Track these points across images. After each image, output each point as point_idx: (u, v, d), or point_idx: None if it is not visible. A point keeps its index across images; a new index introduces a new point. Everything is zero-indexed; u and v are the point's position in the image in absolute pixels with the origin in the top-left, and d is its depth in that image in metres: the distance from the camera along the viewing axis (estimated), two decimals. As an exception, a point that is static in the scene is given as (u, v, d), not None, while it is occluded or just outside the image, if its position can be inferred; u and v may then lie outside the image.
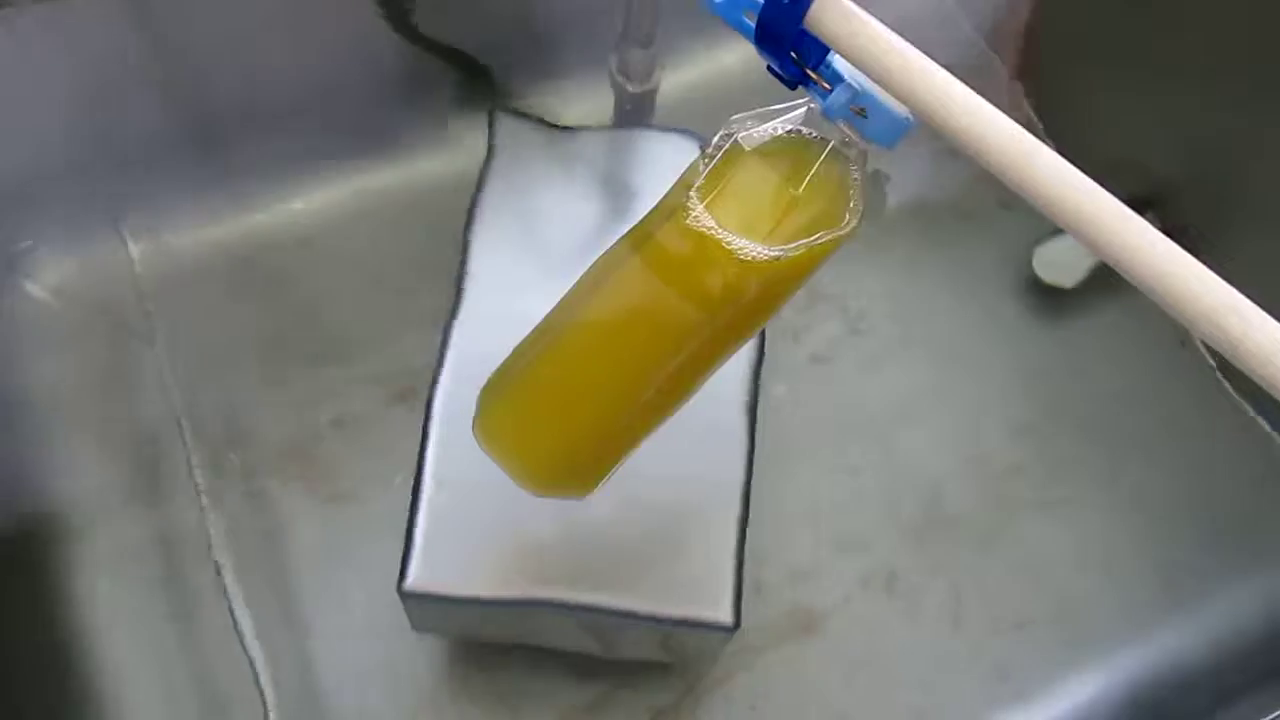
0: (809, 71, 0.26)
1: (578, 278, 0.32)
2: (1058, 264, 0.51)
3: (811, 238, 0.28)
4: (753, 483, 0.39)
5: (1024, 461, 0.49)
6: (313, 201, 0.51)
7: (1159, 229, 0.57)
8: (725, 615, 0.37)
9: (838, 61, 0.26)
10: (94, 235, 0.49)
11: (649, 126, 0.47)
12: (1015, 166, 0.22)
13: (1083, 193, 0.21)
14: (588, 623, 0.38)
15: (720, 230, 0.28)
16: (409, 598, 0.37)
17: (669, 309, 0.29)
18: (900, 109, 0.26)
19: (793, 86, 0.27)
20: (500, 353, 0.33)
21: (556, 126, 0.46)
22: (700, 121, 0.48)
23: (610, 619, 0.37)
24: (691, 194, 0.28)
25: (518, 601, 0.37)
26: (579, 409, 0.30)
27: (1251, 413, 0.51)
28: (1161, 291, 0.20)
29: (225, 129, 0.49)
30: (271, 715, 0.42)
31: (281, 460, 0.47)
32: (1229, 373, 0.51)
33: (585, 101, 0.53)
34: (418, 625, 0.41)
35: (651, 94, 0.45)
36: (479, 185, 0.44)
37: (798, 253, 0.28)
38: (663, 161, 0.45)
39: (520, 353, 0.32)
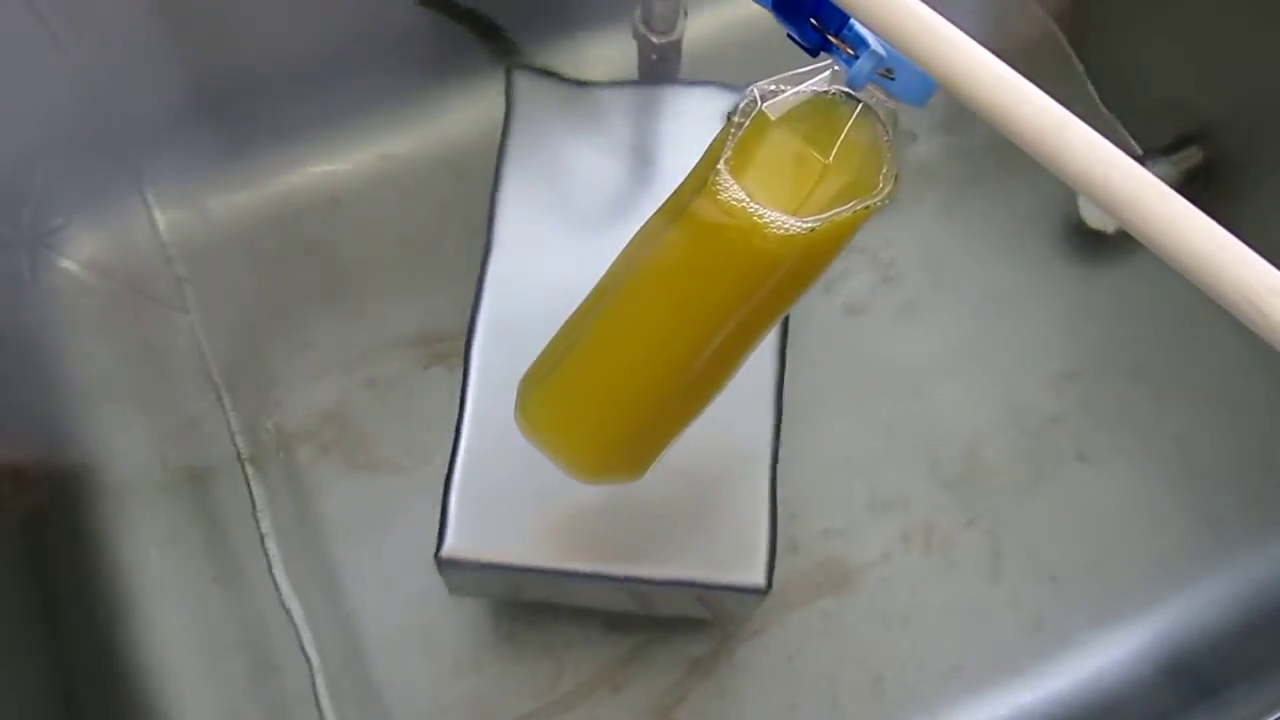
0: (831, 37, 0.25)
1: (606, 240, 0.31)
2: (1102, 208, 0.49)
3: (846, 205, 0.27)
4: (787, 437, 0.39)
5: (1064, 411, 0.48)
6: (339, 164, 0.51)
7: (1202, 161, 0.55)
8: (758, 578, 0.38)
9: (860, 24, 0.25)
10: (123, 208, 0.49)
11: (674, 80, 0.46)
12: (1045, 141, 0.21)
13: (1117, 169, 0.20)
14: (623, 588, 0.38)
15: (752, 204, 0.27)
16: (445, 564, 0.37)
17: (706, 287, 0.28)
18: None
19: (815, 54, 0.26)
20: (532, 314, 0.32)
21: (579, 82, 0.45)
22: (728, 70, 0.47)
23: (645, 586, 0.38)
24: (721, 167, 0.27)
25: (553, 571, 0.37)
26: (624, 395, 0.30)
27: (1302, 359, 0.49)
28: (1199, 271, 0.20)
29: (247, 95, 0.49)
30: (318, 677, 0.43)
31: (318, 425, 0.47)
32: None
33: (609, 55, 0.52)
34: (454, 589, 0.41)
35: (677, 44, 0.44)
36: (501, 145, 0.44)
37: (832, 222, 0.27)
38: (688, 115, 0.44)
39: (559, 339, 0.32)
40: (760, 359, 0.41)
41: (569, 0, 0.50)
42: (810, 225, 0.27)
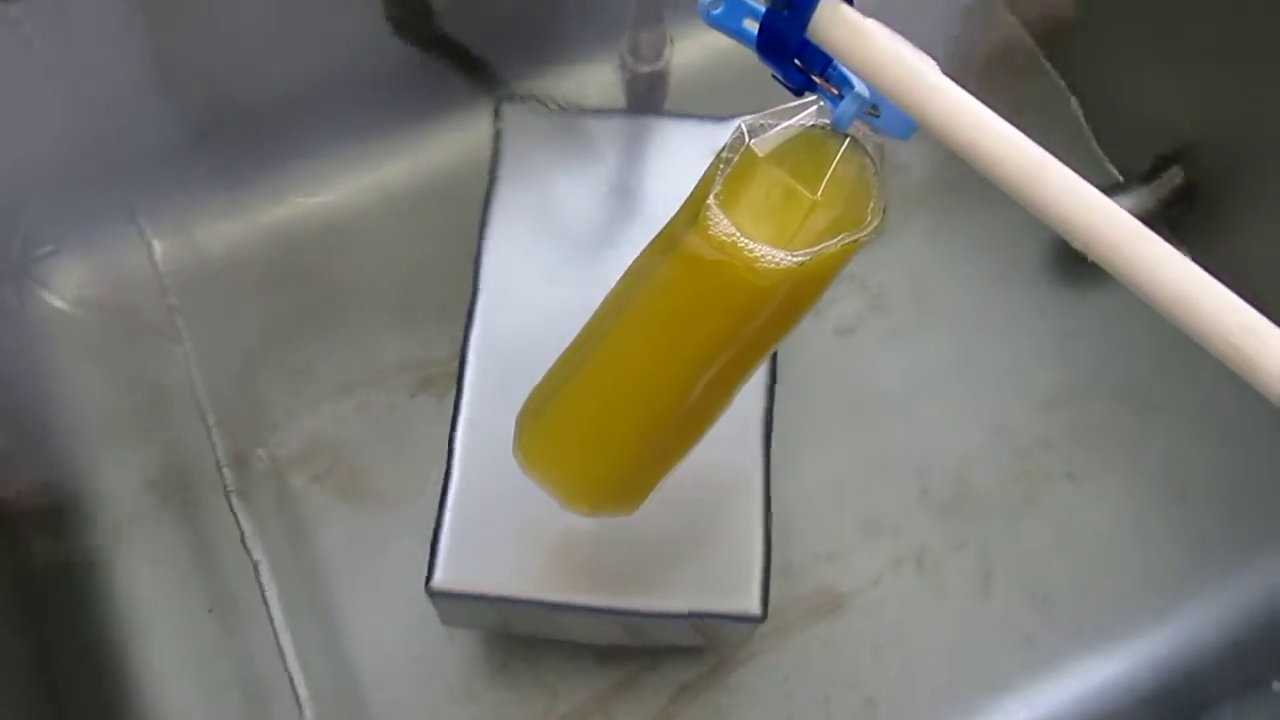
0: (815, 78, 0.25)
1: (595, 268, 0.32)
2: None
3: (835, 239, 0.27)
4: (778, 461, 0.39)
5: (1052, 433, 0.49)
6: (330, 194, 0.51)
7: (1184, 183, 0.56)
8: (753, 606, 0.38)
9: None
10: (115, 237, 0.50)
11: (661, 112, 0.46)
12: (1024, 182, 0.21)
13: (1096, 210, 0.21)
14: (617, 619, 0.39)
15: (742, 239, 0.27)
16: (436, 595, 0.37)
17: (699, 321, 0.29)
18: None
19: (800, 94, 0.26)
20: (522, 343, 0.33)
21: (567, 111, 0.46)
22: (715, 98, 0.47)
23: (639, 617, 0.38)
24: (711, 202, 0.28)
25: (545, 603, 0.37)
26: (619, 429, 0.31)
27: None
28: (1177, 311, 0.20)
29: (239, 125, 0.49)
30: (309, 709, 0.43)
31: (310, 454, 0.47)
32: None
33: (597, 84, 0.52)
34: (447, 620, 0.41)
35: (663, 73, 0.45)
36: (491, 175, 0.44)
37: (822, 255, 0.27)
38: (677, 145, 0.45)
39: (554, 373, 0.32)
40: (751, 387, 0.41)
41: (556, 30, 0.51)
42: (800, 259, 0.27)
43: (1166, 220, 0.53)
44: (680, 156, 0.44)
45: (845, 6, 0.23)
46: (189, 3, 0.43)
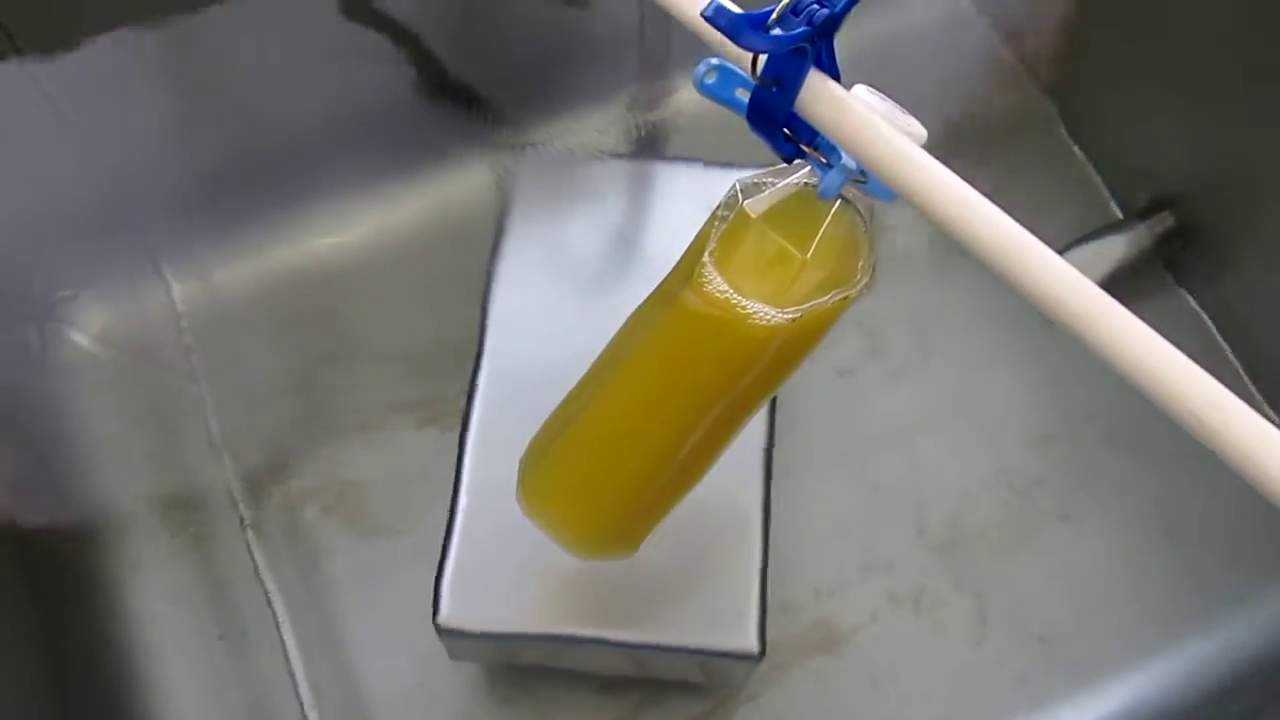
0: (804, 147, 0.26)
1: (599, 310, 0.33)
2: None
3: (825, 296, 0.28)
4: (778, 498, 0.40)
5: (1047, 473, 0.50)
6: (343, 237, 0.53)
7: (1175, 225, 0.56)
8: (751, 644, 0.38)
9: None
10: (132, 278, 0.51)
11: (666, 157, 0.47)
12: (1000, 260, 0.22)
13: (1069, 287, 0.21)
14: (620, 652, 0.39)
15: (735, 296, 0.28)
16: (444, 632, 0.38)
17: (694, 373, 0.30)
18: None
19: (790, 160, 0.27)
20: (528, 382, 0.34)
21: (574, 156, 0.47)
22: (718, 144, 0.48)
23: (640, 651, 0.39)
24: (706, 260, 0.29)
25: (548, 637, 0.38)
26: (617, 476, 0.32)
27: (1283, 423, 0.50)
28: (1147, 385, 0.21)
29: (253, 169, 0.51)
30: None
31: (320, 488, 0.49)
32: (1259, 381, 0.51)
33: (602, 129, 0.54)
34: (454, 654, 0.42)
35: (667, 120, 0.46)
36: (499, 217, 0.45)
37: (813, 312, 0.28)
38: (680, 190, 0.46)
39: (554, 419, 0.33)
40: (752, 427, 0.42)
41: (564, 77, 0.52)
42: (791, 316, 0.28)
43: (1163, 258, 0.53)
44: (685, 201, 0.46)
45: (831, 83, 0.24)
46: (205, 55, 0.45)
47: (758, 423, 0.42)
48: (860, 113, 0.24)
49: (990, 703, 0.46)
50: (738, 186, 0.30)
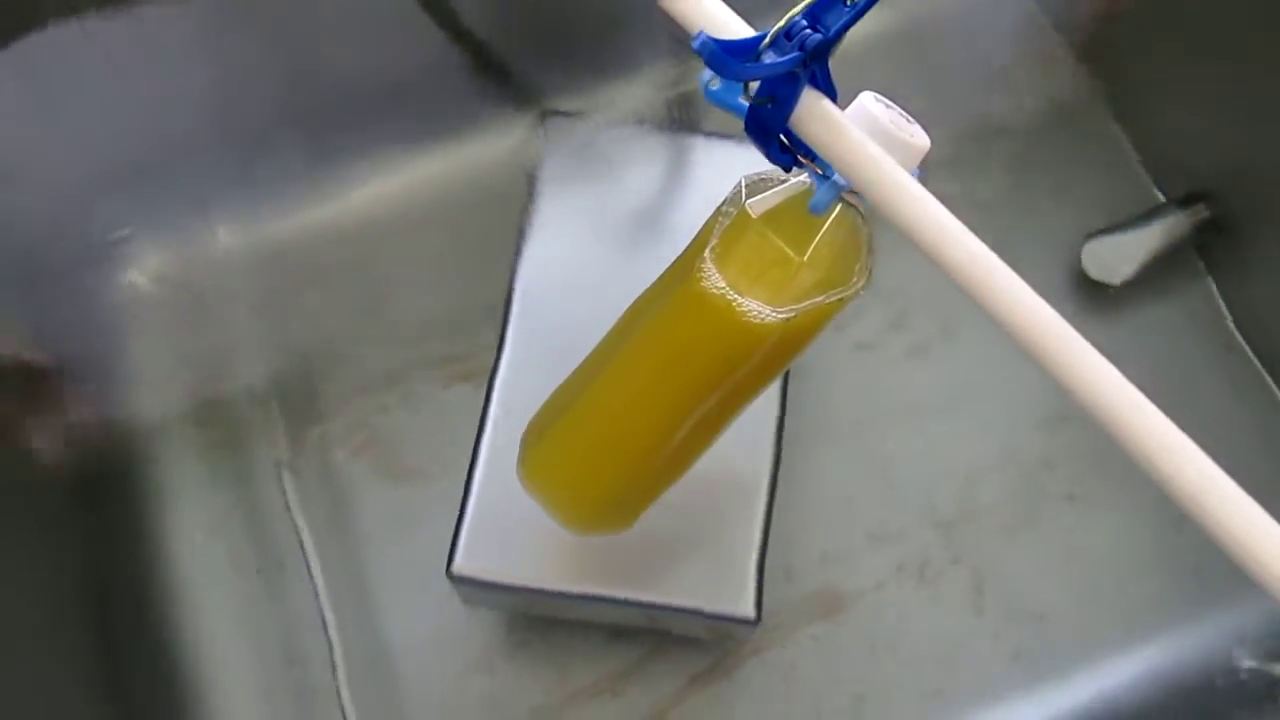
0: (800, 158, 0.27)
1: (623, 278, 0.34)
2: (1107, 260, 0.51)
3: (821, 297, 0.29)
4: (791, 465, 0.42)
5: (1056, 454, 0.50)
6: (383, 193, 0.54)
7: (1210, 217, 0.56)
8: (748, 610, 0.40)
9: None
10: (183, 224, 0.53)
11: (698, 130, 0.48)
12: (975, 288, 0.23)
13: (1034, 314, 0.23)
14: (627, 609, 0.42)
15: (731, 292, 0.29)
16: (455, 580, 0.41)
17: (691, 363, 0.31)
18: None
19: (787, 169, 0.28)
20: (552, 344, 0.35)
21: (612, 125, 0.48)
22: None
23: (645, 609, 0.41)
24: (706, 255, 0.30)
25: (556, 593, 0.40)
26: (612, 457, 0.33)
27: (1300, 420, 0.50)
28: (1106, 419, 0.22)
29: (299, 123, 0.52)
30: (339, 670, 0.47)
31: (354, 435, 0.51)
32: (1277, 375, 0.51)
33: (636, 100, 0.54)
34: (467, 600, 0.45)
35: (700, 96, 0.46)
36: (532, 182, 0.47)
37: (807, 312, 0.29)
38: (710, 164, 0.47)
39: (556, 397, 0.34)
40: (765, 397, 0.43)
41: (601, 47, 0.53)
42: (786, 315, 0.29)
43: (1196, 246, 0.53)
44: (715, 176, 0.46)
45: (825, 103, 0.25)
46: (256, 17, 0.46)
47: (771, 393, 0.43)
48: (852, 133, 0.24)
49: (985, 676, 0.47)
50: (743, 183, 0.31)
